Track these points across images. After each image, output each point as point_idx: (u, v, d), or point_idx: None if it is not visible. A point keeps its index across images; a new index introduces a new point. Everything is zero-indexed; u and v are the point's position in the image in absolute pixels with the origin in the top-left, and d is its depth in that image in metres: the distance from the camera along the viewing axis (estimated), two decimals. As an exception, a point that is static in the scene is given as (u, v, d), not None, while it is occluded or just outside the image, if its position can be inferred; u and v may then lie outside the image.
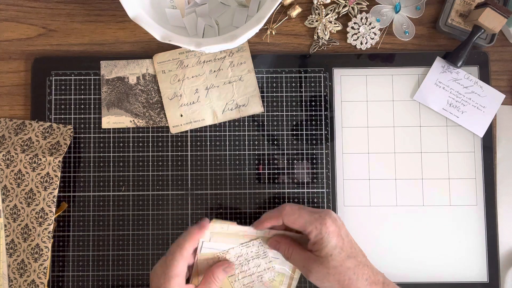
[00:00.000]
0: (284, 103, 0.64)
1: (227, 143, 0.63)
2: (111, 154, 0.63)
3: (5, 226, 0.61)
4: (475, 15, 0.60)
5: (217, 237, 0.56)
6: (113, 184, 0.63)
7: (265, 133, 0.64)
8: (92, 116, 0.64)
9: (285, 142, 0.63)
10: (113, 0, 0.65)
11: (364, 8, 0.64)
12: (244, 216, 0.63)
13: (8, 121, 0.64)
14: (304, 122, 0.64)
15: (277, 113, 0.64)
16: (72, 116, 0.64)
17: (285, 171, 0.63)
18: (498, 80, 0.64)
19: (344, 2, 0.64)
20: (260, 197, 0.63)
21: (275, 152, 0.63)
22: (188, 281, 0.57)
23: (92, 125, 0.64)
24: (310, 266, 0.53)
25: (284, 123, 0.64)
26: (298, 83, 0.64)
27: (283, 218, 0.54)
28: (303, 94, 0.64)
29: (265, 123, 0.64)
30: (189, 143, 0.64)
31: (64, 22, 0.65)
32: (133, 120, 0.63)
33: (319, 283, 0.53)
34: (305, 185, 0.63)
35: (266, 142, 0.63)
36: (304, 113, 0.64)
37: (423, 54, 0.64)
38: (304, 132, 0.63)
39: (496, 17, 0.59)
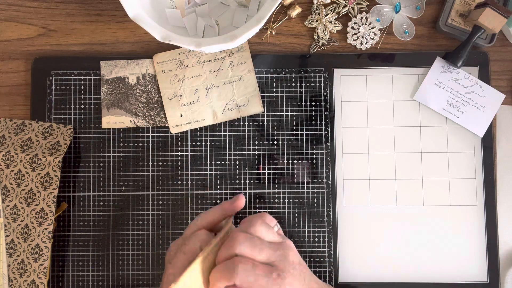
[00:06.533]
0: (284, 103, 0.64)
1: (227, 143, 0.63)
2: (111, 154, 0.63)
3: (5, 226, 0.61)
4: (475, 15, 0.60)
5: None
6: (113, 184, 0.63)
7: (265, 133, 0.64)
8: (92, 116, 0.64)
9: (285, 142, 0.63)
10: (113, 0, 0.65)
11: (364, 8, 0.64)
12: (243, 216, 0.63)
13: (8, 121, 0.64)
14: (304, 122, 0.64)
15: (277, 113, 0.64)
16: (72, 116, 0.64)
17: (285, 171, 0.63)
18: (498, 80, 0.64)
19: (344, 2, 0.64)
20: (260, 197, 0.63)
21: (275, 152, 0.63)
22: None
23: (92, 125, 0.64)
24: None
25: (284, 123, 0.64)
26: (298, 83, 0.64)
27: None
28: (303, 94, 0.64)
29: (265, 123, 0.64)
30: (189, 143, 0.64)
31: (64, 22, 0.65)
32: (133, 120, 0.63)
33: None
34: (305, 185, 0.63)
35: (266, 142, 0.63)
36: (304, 113, 0.64)
37: (423, 54, 0.64)
38: (304, 132, 0.63)
39: (496, 17, 0.59)
